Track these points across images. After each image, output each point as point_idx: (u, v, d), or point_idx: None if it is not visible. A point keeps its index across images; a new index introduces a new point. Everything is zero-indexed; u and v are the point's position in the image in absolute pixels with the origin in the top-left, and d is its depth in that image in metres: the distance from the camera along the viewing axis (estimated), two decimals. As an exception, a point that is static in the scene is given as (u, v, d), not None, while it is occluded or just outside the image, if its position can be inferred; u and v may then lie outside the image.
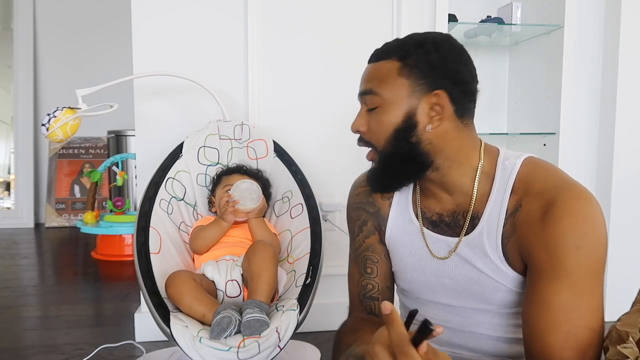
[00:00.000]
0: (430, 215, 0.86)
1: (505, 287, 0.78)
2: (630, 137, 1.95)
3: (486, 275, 0.79)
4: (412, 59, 0.76)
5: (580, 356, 0.70)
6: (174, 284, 1.20)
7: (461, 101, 0.78)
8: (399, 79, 0.77)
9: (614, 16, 1.95)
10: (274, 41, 1.78)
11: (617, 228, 1.96)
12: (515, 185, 0.77)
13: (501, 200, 0.77)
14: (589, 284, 0.70)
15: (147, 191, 1.42)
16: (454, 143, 0.79)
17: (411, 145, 0.77)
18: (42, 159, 4.43)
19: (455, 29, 1.94)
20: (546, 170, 0.78)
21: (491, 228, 0.78)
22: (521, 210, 0.75)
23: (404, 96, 0.76)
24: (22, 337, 1.88)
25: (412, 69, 0.76)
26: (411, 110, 0.76)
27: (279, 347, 1.10)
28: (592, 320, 0.70)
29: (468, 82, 0.78)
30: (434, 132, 0.77)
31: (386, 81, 0.77)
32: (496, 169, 0.80)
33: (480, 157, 0.81)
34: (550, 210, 0.71)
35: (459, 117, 0.78)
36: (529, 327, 0.73)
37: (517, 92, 2.16)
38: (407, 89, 0.76)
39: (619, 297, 0.83)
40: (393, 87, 0.77)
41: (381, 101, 0.78)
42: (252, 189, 1.41)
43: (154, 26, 1.72)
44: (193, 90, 1.67)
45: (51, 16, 4.34)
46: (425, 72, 0.76)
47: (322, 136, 1.83)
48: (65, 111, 1.49)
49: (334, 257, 1.63)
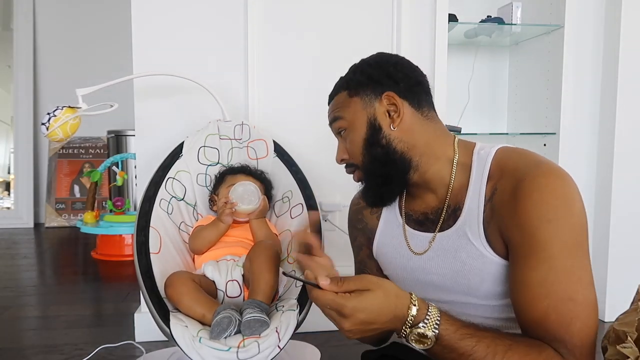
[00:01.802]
0: (416, 217, 0.91)
1: (490, 277, 0.79)
2: (631, 137, 1.95)
3: (471, 266, 0.80)
4: (352, 82, 0.88)
5: (563, 329, 0.69)
6: (173, 284, 1.20)
7: (411, 95, 0.85)
8: (352, 100, 0.87)
9: (614, 16, 1.95)
10: (274, 41, 1.78)
11: (617, 228, 1.96)
12: (491, 172, 0.81)
13: (479, 188, 0.81)
14: (567, 258, 0.71)
15: (147, 191, 1.42)
16: (423, 136, 0.85)
17: (383, 147, 0.84)
18: (42, 158, 4.43)
19: (455, 29, 1.94)
20: (519, 154, 0.82)
21: (472, 216, 0.80)
22: (497, 193, 0.78)
23: (360, 109, 0.86)
24: (21, 337, 1.88)
25: (356, 88, 0.87)
26: (371, 118, 0.85)
27: (278, 347, 1.10)
28: (575, 293, 0.70)
29: (410, 77, 0.86)
30: (399, 130, 0.84)
31: (342, 106, 0.88)
32: (472, 160, 0.84)
33: (455, 151, 0.86)
34: (519, 187, 0.74)
35: (417, 110, 0.85)
36: (514, 305, 0.75)
37: (517, 92, 2.17)
38: (359, 103, 0.86)
39: (618, 297, 0.83)
40: (349, 107, 0.87)
41: (346, 123, 0.87)
42: (250, 191, 1.40)
43: (154, 26, 1.72)
44: (193, 90, 1.67)
45: (51, 16, 4.34)
46: (368, 85, 0.86)
47: (322, 136, 1.83)
48: (65, 110, 1.49)
49: (334, 257, 1.61)
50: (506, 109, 2.23)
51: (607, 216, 1.96)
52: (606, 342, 0.69)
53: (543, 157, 0.79)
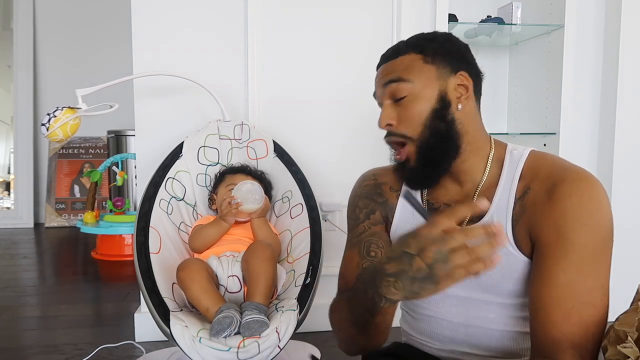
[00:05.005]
0: (437, 206, 0.88)
1: (512, 275, 0.79)
2: (631, 137, 1.95)
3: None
4: (430, 49, 0.82)
5: (582, 332, 0.71)
6: (187, 269, 1.22)
7: (476, 82, 0.85)
8: (426, 66, 0.81)
9: (614, 16, 1.95)
10: (274, 41, 1.78)
11: (617, 228, 1.95)
12: (524, 172, 0.81)
13: (510, 185, 0.81)
14: (594, 263, 0.72)
15: (147, 191, 1.42)
16: (476, 126, 0.85)
17: (448, 123, 0.81)
18: (42, 158, 4.43)
19: (455, 29, 1.94)
20: (552, 159, 0.82)
21: (501, 211, 0.80)
22: (529, 193, 0.78)
23: (434, 79, 0.81)
24: (22, 337, 1.88)
25: (434, 57, 0.82)
26: (442, 91, 0.81)
27: (278, 347, 1.10)
28: (597, 299, 0.72)
29: (476, 66, 0.86)
30: (463, 112, 0.82)
31: (413, 69, 0.81)
32: (505, 158, 0.84)
33: (492, 146, 0.86)
34: (557, 190, 0.74)
35: (477, 99, 0.85)
36: (533, 304, 0.75)
37: (517, 92, 2.16)
38: (434, 73, 0.81)
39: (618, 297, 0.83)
40: (422, 73, 0.81)
41: (411, 88, 0.81)
42: (254, 190, 1.40)
43: (154, 26, 1.72)
44: (193, 90, 1.67)
45: (51, 16, 4.34)
46: (446, 58, 0.82)
47: (322, 136, 1.83)
48: (65, 111, 1.49)
49: (334, 257, 1.62)
50: (506, 109, 2.23)
51: (607, 216, 1.96)
52: (606, 342, 0.69)
53: (575, 164, 0.79)
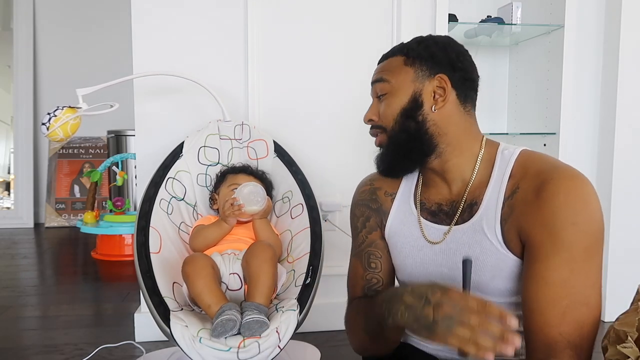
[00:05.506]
0: (429, 206, 0.90)
1: (501, 274, 0.80)
2: (631, 137, 1.96)
3: (484, 261, 0.80)
4: (414, 52, 0.86)
5: (577, 331, 0.71)
6: (194, 263, 1.22)
7: (462, 87, 0.85)
8: (405, 68, 0.86)
9: (614, 16, 1.95)
10: (274, 41, 1.78)
11: (617, 227, 1.96)
12: (513, 171, 0.81)
13: (499, 185, 0.81)
14: (586, 261, 0.72)
15: (147, 191, 1.42)
16: (457, 128, 0.85)
17: (418, 123, 0.84)
18: (42, 158, 4.43)
19: (455, 29, 1.94)
20: (542, 157, 0.82)
21: (490, 212, 0.81)
22: (518, 192, 0.79)
23: (409, 81, 0.85)
24: (21, 337, 1.88)
25: (415, 59, 0.86)
26: (417, 92, 0.85)
27: (279, 347, 1.10)
28: (590, 297, 0.72)
29: (468, 70, 0.86)
30: (438, 114, 0.84)
31: (393, 71, 0.87)
32: (496, 157, 0.85)
33: (482, 147, 0.86)
34: (545, 188, 0.75)
35: (461, 103, 0.85)
36: (527, 305, 0.75)
37: (517, 92, 2.16)
38: (412, 75, 0.85)
39: (618, 297, 0.83)
40: (399, 74, 0.86)
41: (390, 87, 0.87)
42: (256, 191, 1.39)
43: (154, 26, 1.72)
44: (193, 90, 1.67)
45: (51, 16, 4.34)
46: (427, 60, 0.85)
47: (322, 136, 1.83)
48: (65, 110, 1.49)
49: (334, 257, 1.63)
50: (506, 109, 2.23)
51: (607, 216, 1.96)
52: (606, 342, 0.69)
53: (565, 163, 0.80)
